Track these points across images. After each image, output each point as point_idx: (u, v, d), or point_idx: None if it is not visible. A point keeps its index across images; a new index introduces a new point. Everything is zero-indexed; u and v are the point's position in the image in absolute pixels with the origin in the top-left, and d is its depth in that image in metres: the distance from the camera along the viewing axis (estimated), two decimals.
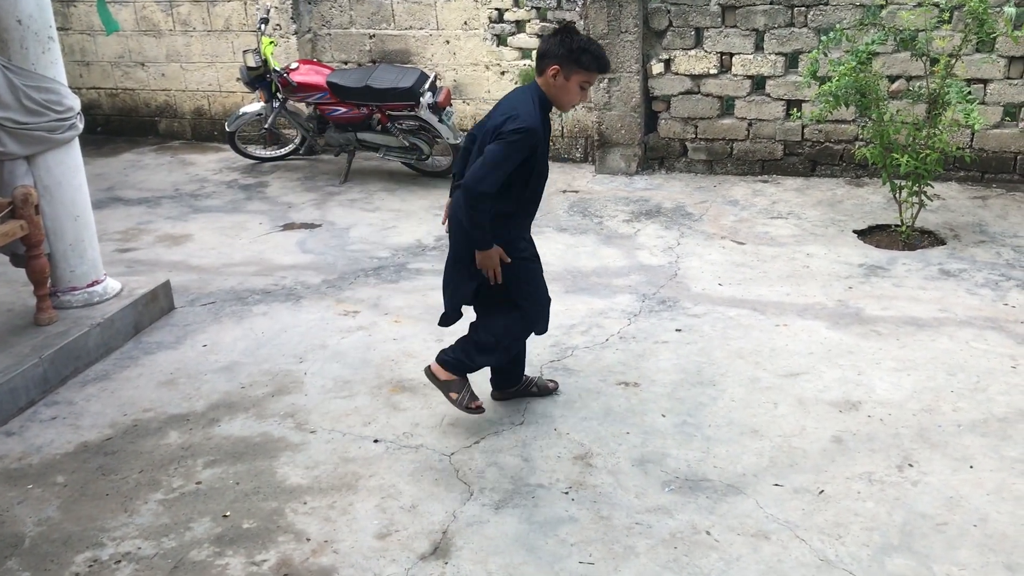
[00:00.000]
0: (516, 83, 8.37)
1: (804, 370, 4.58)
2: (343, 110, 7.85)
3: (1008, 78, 7.02)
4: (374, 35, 8.72)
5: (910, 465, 3.79)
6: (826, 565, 3.25)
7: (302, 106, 8.30)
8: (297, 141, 8.64)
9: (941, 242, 6.23)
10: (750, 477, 3.76)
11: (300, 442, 4.17)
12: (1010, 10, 6.20)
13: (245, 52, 8.05)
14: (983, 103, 7.01)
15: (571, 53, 3.68)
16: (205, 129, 9.64)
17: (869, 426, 4.09)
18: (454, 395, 4.08)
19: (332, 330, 5.27)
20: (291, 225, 7.12)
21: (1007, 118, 7.20)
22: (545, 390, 4.43)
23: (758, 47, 7.56)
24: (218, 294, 5.84)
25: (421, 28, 8.56)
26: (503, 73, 8.44)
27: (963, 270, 5.71)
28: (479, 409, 4.10)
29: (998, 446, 3.89)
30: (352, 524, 3.60)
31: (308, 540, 3.51)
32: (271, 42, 8.01)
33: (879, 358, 4.67)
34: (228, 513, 3.69)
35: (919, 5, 6.40)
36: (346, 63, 8.86)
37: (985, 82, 7.06)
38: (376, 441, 4.15)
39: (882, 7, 6.87)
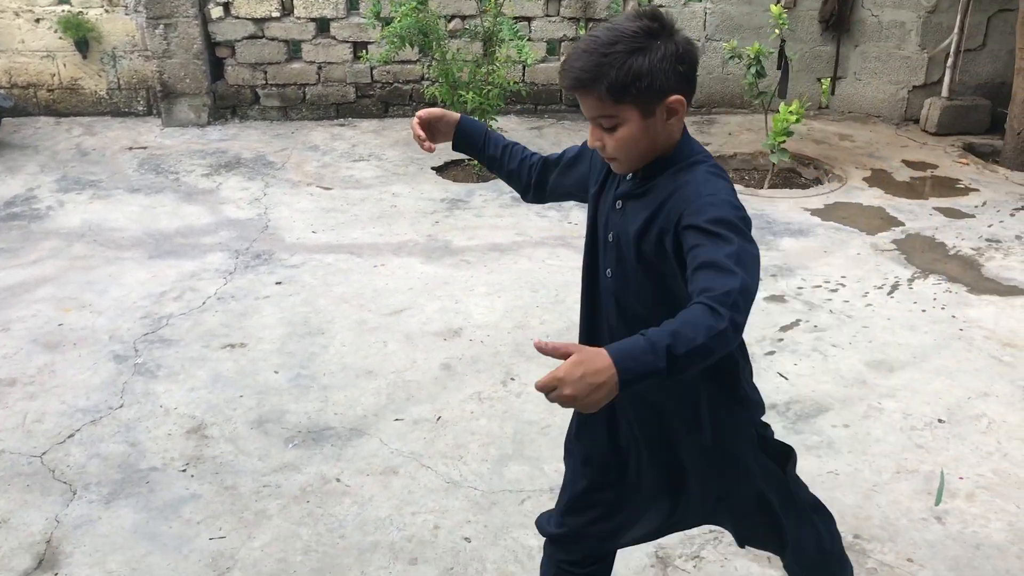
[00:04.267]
0: (56, 32, 7.46)
1: (407, 306, 4.72)
2: None
3: (547, 15, 7.70)
4: None
5: (512, 379, 4.10)
6: (453, 486, 3.41)
7: None
8: None
9: None
10: (371, 417, 3.81)
11: None
12: None
13: None
14: (530, 40, 7.62)
15: None
16: None
17: (472, 349, 4.34)
18: None
19: None
20: None
21: (550, 53, 7.92)
22: None
23: None
24: None
25: None
26: (38, 21, 7.48)
27: None
28: None
29: None
30: None
31: None
32: None
33: (472, 285, 4.96)
34: None
35: None
36: None
37: (529, 19, 7.67)
38: None
39: None
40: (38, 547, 3.11)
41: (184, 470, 3.49)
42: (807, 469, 3.47)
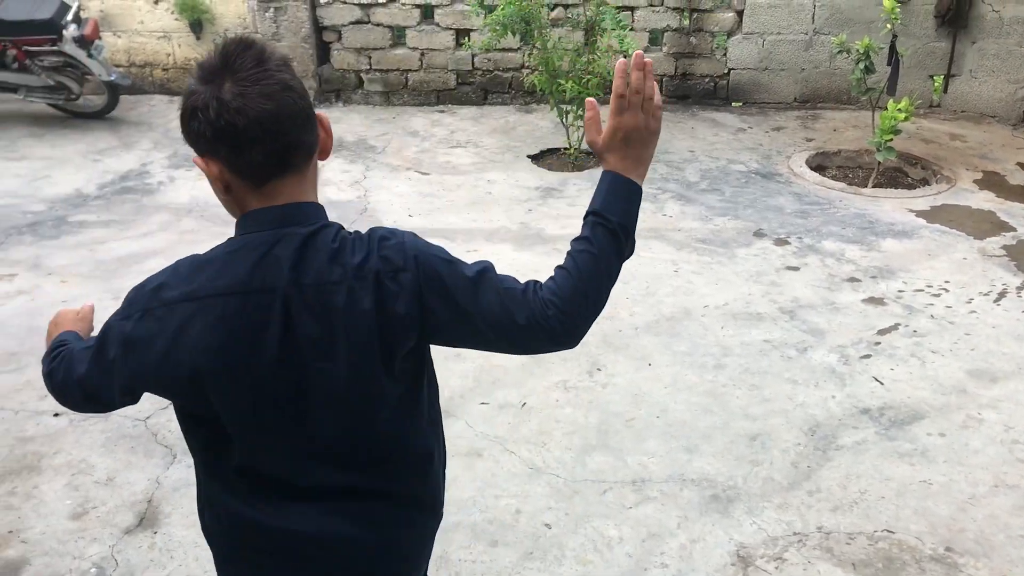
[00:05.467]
0: (173, 13, 7.76)
1: None
2: None
3: (651, 5, 7.62)
4: None
5: (599, 369, 4.10)
6: (535, 472, 3.45)
7: None
8: None
9: None
10: (458, 399, 3.87)
11: None
12: None
13: None
14: (632, 29, 7.56)
15: None
16: None
17: None
18: None
19: None
20: None
21: (652, 43, 7.84)
22: None
23: None
24: None
25: None
26: (156, 2, 7.78)
27: None
28: None
29: (670, 343, 4.31)
30: (40, 508, 3.26)
31: None
32: None
33: None
34: None
35: None
36: None
37: (632, 9, 7.61)
38: (57, 415, 3.76)
39: None
40: (140, 506, 3.27)
41: None
42: (899, 477, 3.38)
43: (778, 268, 5.06)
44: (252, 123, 1.41)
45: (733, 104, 7.89)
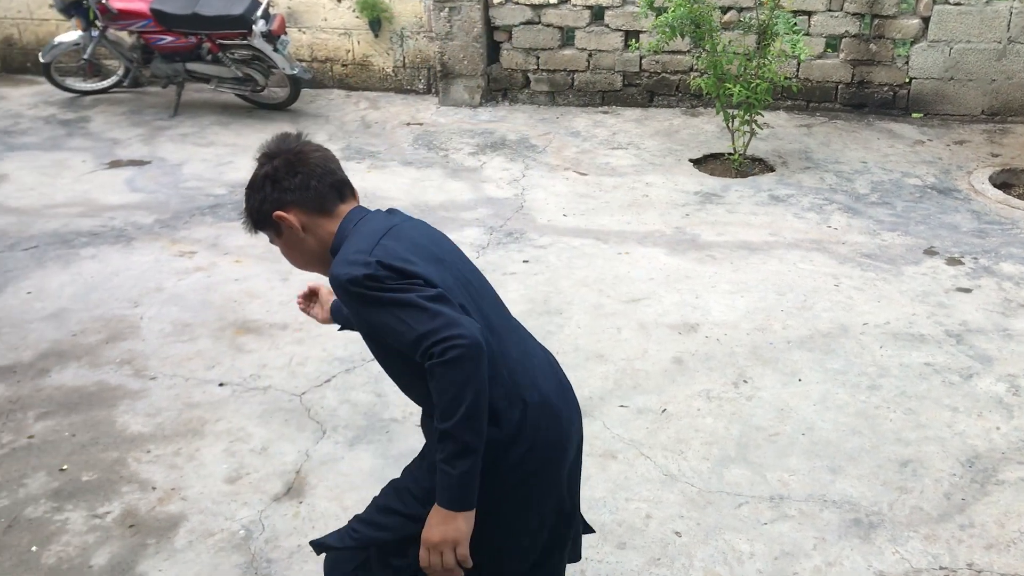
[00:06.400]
0: (354, 11, 8.11)
1: (645, 295, 4.73)
2: (169, 39, 7.40)
3: (830, 10, 7.35)
4: None
5: (745, 381, 4.01)
6: (670, 479, 3.41)
7: (124, 35, 7.77)
8: (120, 73, 8.10)
9: (771, 169, 6.53)
10: (597, 400, 3.88)
11: (140, 389, 4.00)
12: None
13: None
14: (807, 34, 7.32)
15: None
16: (17, 61, 8.89)
17: (707, 346, 4.28)
18: None
19: (168, 272, 5.05)
20: (118, 162, 6.72)
21: (829, 49, 7.56)
22: None
23: None
24: (40, 237, 5.46)
25: None
26: (339, 0, 8.15)
27: (791, 195, 6.01)
28: None
29: (823, 360, 4.16)
30: (200, 470, 3.50)
31: (154, 489, 3.40)
32: None
33: (715, 281, 4.88)
34: (65, 466, 3.52)
35: None
36: None
37: (809, 14, 7.36)
38: (221, 384, 4.03)
39: None
40: (288, 476, 3.46)
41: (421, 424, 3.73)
42: None
43: (948, 289, 4.78)
44: (313, 165, 2.05)
45: (913, 115, 7.50)
